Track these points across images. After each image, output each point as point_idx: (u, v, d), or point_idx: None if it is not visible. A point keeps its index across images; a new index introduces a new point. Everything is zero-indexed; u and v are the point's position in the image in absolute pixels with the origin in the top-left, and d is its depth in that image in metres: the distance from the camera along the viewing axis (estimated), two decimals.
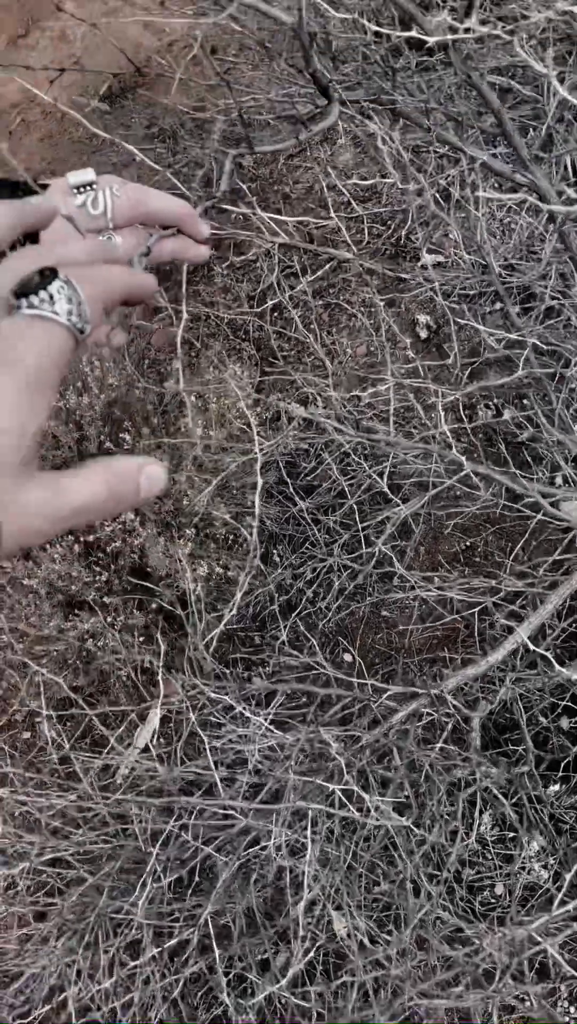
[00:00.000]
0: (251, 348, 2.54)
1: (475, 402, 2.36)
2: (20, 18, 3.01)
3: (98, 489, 0.39)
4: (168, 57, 2.88)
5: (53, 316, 0.37)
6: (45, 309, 0.37)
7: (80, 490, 0.38)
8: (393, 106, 1.20)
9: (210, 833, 1.23)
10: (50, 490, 0.37)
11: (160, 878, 1.14)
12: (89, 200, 0.54)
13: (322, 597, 1.98)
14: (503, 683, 1.66)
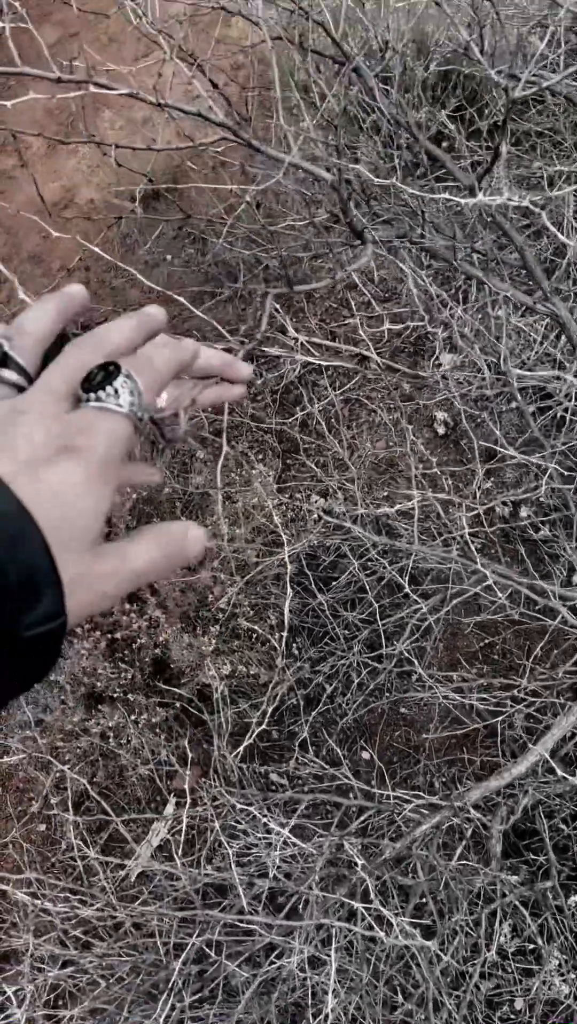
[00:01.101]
0: (273, 440, 2.61)
1: (492, 498, 2.40)
2: (61, 123, 3.19)
3: (154, 553, 0.42)
4: (198, 163, 3.03)
5: (117, 409, 0.41)
6: (111, 403, 0.41)
7: (139, 556, 0.41)
8: (422, 242, 1.27)
9: (232, 948, 1.23)
10: (115, 558, 0.40)
11: (182, 996, 1.13)
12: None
13: (341, 692, 1.99)
14: (524, 790, 1.66)
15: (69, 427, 0.40)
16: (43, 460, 0.38)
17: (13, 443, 0.38)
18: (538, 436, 1.69)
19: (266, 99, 2.46)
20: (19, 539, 0.36)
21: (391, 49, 1.25)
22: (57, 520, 0.37)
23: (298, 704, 1.92)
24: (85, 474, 0.39)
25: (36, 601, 0.36)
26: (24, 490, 0.37)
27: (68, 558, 0.37)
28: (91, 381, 0.41)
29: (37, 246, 3.04)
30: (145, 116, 3.12)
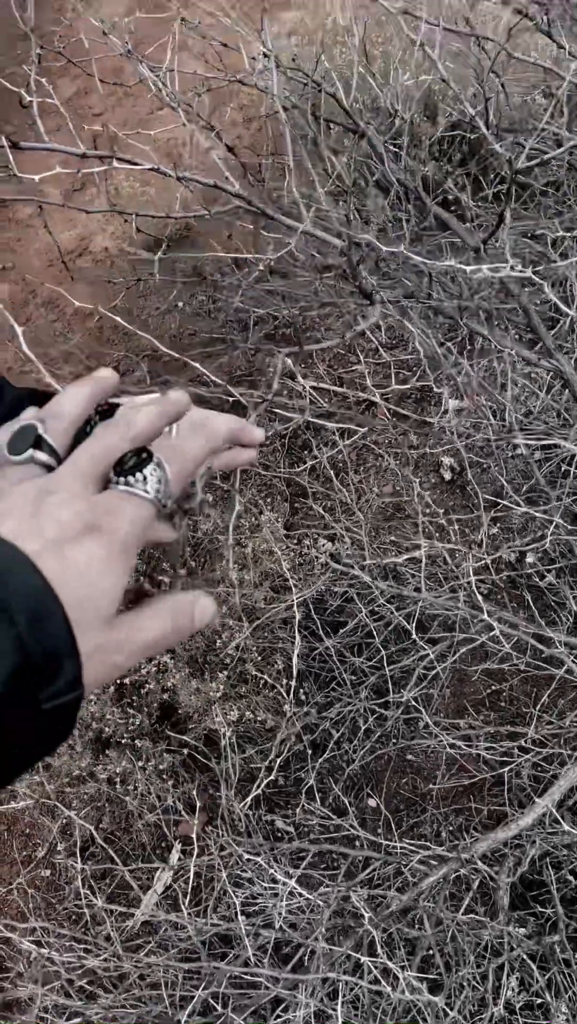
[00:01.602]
0: (281, 484, 2.64)
1: (499, 544, 2.42)
2: (78, 176, 3.28)
3: (165, 625, 0.44)
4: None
5: (144, 495, 0.44)
6: (138, 488, 0.44)
7: (151, 628, 0.43)
8: (429, 302, 1.31)
9: (238, 1000, 1.22)
10: (129, 630, 0.42)
11: None
12: None
13: (348, 739, 1.99)
14: (531, 841, 1.65)
15: (96, 508, 0.42)
16: (69, 539, 0.40)
17: (42, 522, 0.41)
18: (543, 487, 1.72)
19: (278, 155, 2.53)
20: (44, 616, 0.38)
21: (399, 117, 1.30)
22: (79, 597, 0.39)
23: (304, 750, 1.92)
24: (107, 554, 0.41)
25: (56, 674, 0.38)
26: (50, 567, 0.39)
27: (87, 632, 0.40)
28: (123, 465, 0.44)
29: (51, 292, 3.11)
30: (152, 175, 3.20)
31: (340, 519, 2.34)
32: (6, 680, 0.36)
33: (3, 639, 0.36)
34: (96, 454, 0.44)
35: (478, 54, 1.25)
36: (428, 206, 1.36)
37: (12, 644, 0.36)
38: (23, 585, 0.38)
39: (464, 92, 1.25)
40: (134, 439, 0.46)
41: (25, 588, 0.38)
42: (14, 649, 0.36)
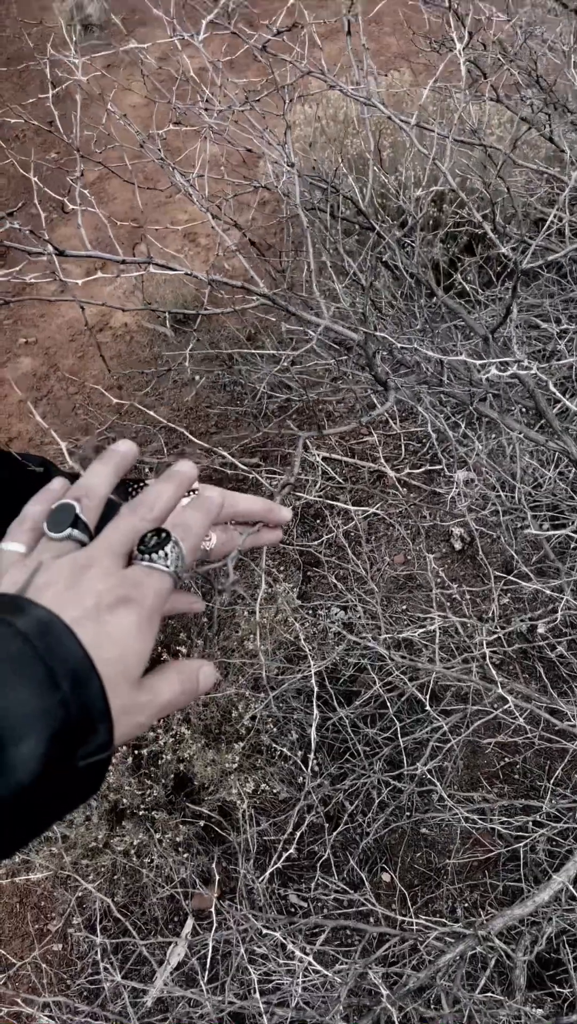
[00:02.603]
0: (295, 553, 2.68)
1: (510, 614, 2.45)
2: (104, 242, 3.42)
3: (176, 688, 0.50)
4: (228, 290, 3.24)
5: (164, 569, 0.49)
6: (159, 564, 0.49)
7: (165, 690, 0.49)
8: (441, 388, 1.38)
9: None
10: (149, 693, 0.48)
11: None
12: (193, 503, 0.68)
13: (362, 811, 1.99)
14: (547, 918, 1.64)
15: (125, 581, 0.48)
16: (105, 608, 0.46)
17: (81, 593, 0.46)
18: (553, 561, 1.76)
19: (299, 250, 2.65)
20: (84, 681, 0.43)
21: (410, 216, 1.39)
22: (112, 662, 0.44)
23: (318, 822, 1.92)
24: (137, 623, 0.46)
25: (92, 734, 0.43)
26: (87, 633, 0.44)
27: (117, 694, 0.44)
28: (145, 544, 0.50)
29: (73, 365, 3.23)
30: (176, 249, 3.35)
31: (353, 588, 2.37)
32: (50, 739, 0.40)
33: (50, 702, 0.40)
34: (124, 533, 0.50)
35: (485, 160, 1.34)
36: (439, 296, 1.44)
37: (58, 706, 0.40)
38: (66, 652, 0.42)
39: (471, 197, 1.34)
40: (154, 520, 0.52)
41: (68, 655, 0.42)
42: (59, 711, 0.40)
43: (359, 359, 1.16)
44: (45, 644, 0.42)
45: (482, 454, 1.99)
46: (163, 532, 0.51)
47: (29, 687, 0.40)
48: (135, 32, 4.48)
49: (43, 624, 0.43)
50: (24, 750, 0.38)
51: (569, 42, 1.49)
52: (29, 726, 0.39)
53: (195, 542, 0.53)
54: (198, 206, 1.16)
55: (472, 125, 1.35)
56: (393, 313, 1.47)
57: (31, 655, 0.41)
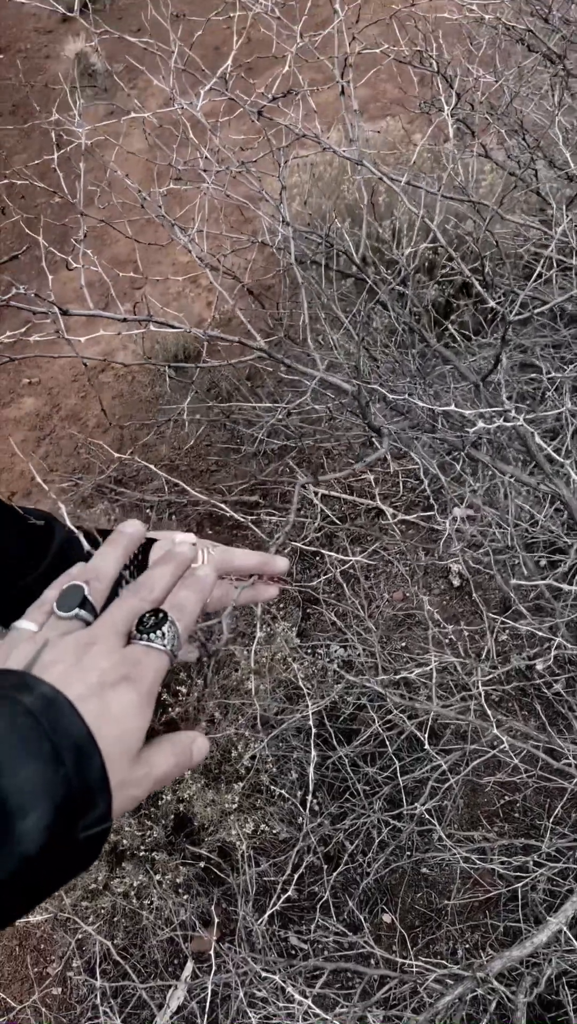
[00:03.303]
0: (294, 589, 2.71)
1: (508, 651, 2.46)
2: (101, 295, 3.50)
3: (170, 761, 0.52)
4: (227, 330, 3.30)
5: (161, 648, 0.52)
6: (157, 643, 0.52)
7: (160, 763, 0.51)
8: (434, 434, 1.41)
9: None
10: (145, 767, 0.49)
11: None
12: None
13: (362, 851, 1.99)
14: (548, 959, 1.64)
15: (126, 659, 0.51)
16: (108, 685, 0.48)
17: (85, 670, 0.49)
18: (548, 600, 1.78)
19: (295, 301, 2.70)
20: (85, 757, 0.45)
21: (403, 268, 1.43)
22: (113, 738, 0.47)
23: (318, 863, 1.92)
24: (137, 700, 0.49)
25: (92, 807, 0.45)
26: (90, 710, 0.46)
27: (116, 769, 0.46)
28: (144, 624, 0.53)
29: (76, 405, 3.28)
30: (177, 291, 3.42)
31: (352, 626, 2.39)
32: (54, 812, 0.42)
33: (54, 777, 0.42)
34: (126, 613, 0.54)
35: (476, 208, 1.39)
36: (432, 345, 1.48)
37: (62, 781, 0.43)
38: (70, 729, 0.45)
39: (462, 248, 1.39)
40: (153, 601, 0.56)
41: (72, 731, 0.45)
42: (63, 785, 0.43)
43: (353, 407, 1.20)
44: (50, 720, 0.44)
45: (479, 492, 2.02)
46: (160, 612, 0.54)
47: (35, 763, 0.42)
48: (139, 79, 4.61)
49: (48, 701, 0.45)
50: (30, 823, 0.41)
51: (553, 101, 1.55)
52: (35, 800, 0.41)
53: (190, 621, 0.57)
54: (197, 262, 1.20)
55: (461, 183, 1.40)
56: (387, 359, 1.51)
57: (37, 731, 0.43)
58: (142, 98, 3.85)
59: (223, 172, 1.29)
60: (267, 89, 1.25)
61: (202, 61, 1.52)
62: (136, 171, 3.49)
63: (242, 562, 0.72)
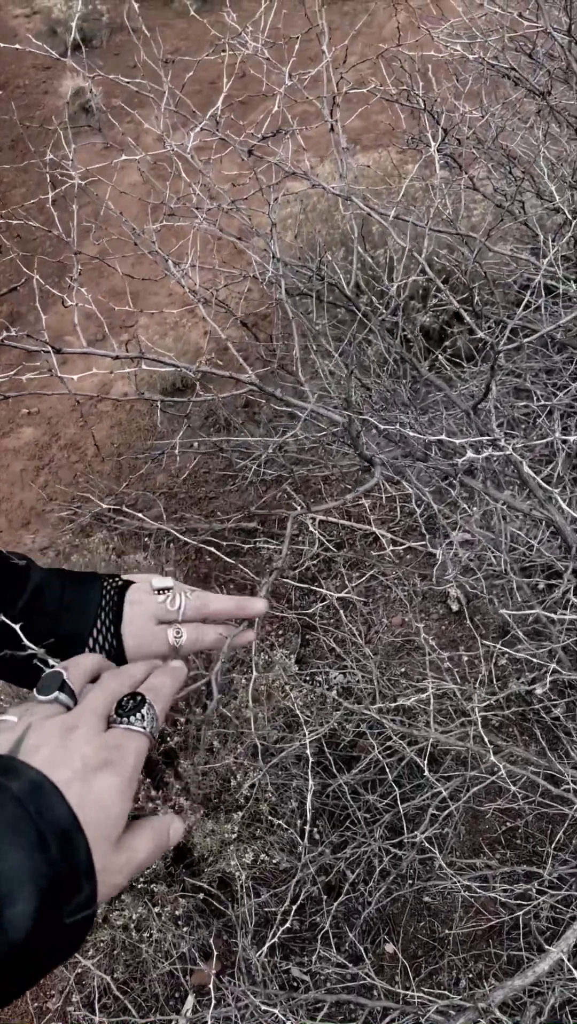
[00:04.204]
0: (293, 615, 2.71)
1: (507, 675, 2.46)
2: (99, 326, 3.54)
3: (150, 846, 0.53)
4: (224, 358, 3.33)
5: (141, 731, 0.53)
6: (136, 726, 0.53)
7: (141, 849, 0.52)
8: (425, 462, 1.43)
9: None
10: (126, 852, 0.50)
11: None
12: (168, 600, 0.71)
13: (364, 880, 1.98)
14: (551, 988, 1.62)
15: (108, 743, 0.52)
16: (91, 769, 0.49)
17: (69, 754, 0.50)
18: (545, 625, 1.78)
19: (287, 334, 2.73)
20: (70, 841, 0.46)
21: (393, 299, 1.46)
22: (97, 822, 0.48)
23: (319, 894, 1.91)
24: (119, 784, 0.50)
25: (78, 892, 0.45)
26: (75, 794, 0.47)
27: (99, 854, 0.47)
28: (123, 708, 0.55)
29: (75, 434, 3.30)
30: (175, 320, 3.46)
31: (351, 652, 2.39)
32: (40, 897, 0.42)
33: (39, 862, 0.43)
34: (106, 697, 0.55)
35: (463, 247, 1.41)
36: (422, 374, 1.50)
37: (48, 867, 0.43)
38: (56, 814, 0.46)
39: (452, 279, 1.41)
40: (132, 685, 0.57)
41: (57, 817, 0.46)
42: (49, 871, 0.43)
43: (345, 438, 1.21)
44: (36, 806, 0.45)
45: (474, 518, 2.03)
46: (138, 695, 0.56)
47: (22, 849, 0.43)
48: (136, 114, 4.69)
49: (35, 786, 0.46)
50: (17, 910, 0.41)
51: (538, 135, 1.58)
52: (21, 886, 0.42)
53: (166, 704, 0.59)
54: (190, 296, 1.22)
55: (448, 216, 1.43)
56: (380, 387, 1.53)
57: (24, 818, 0.44)
58: (138, 132, 3.91)
59: (214, 209, 1.31)
60: (257, 127, 1.28)
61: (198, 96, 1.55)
62: (133, 206, 3.55)
63: (218, 607, 0.73)
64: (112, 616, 0.68)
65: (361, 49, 1.65)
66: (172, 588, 0.72)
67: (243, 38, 1.26)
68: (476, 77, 1.87)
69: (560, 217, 1.52)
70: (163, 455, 2.57)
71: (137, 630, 0.69)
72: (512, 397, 1.97)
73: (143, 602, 0.70)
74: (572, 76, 1.60)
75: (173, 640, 0.69)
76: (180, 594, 0.72)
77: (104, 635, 0.67)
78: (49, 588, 0.68)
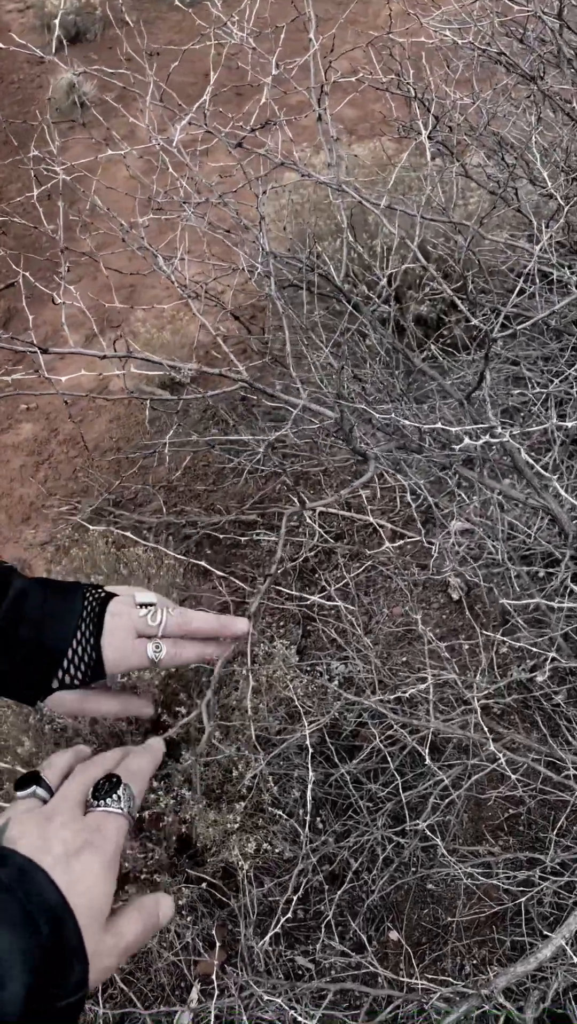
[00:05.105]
0: (294, 607, 2.71)
1: (508, 663, 2.47)
2: (97, 321, 3.53)
3: (138, 927, 0.53)
4: (221, 352, 3.33)
5: (118, 812, 0.55)
6: (113, 808, 0.55)
7: (129, 930, 0.52)
8: (420, 454, 1.43)
9: None
10: (114, 936, 0.51)
11: None
12: (149, 615, 0.72)
13: (367, 868, 1.99)
14: (554, 973, 1.63)
15: (87, 826, 0.53)
16: (72, 853, 0.50)
17: (50, 842, 0.51)
18: (544, 613, 1.79)
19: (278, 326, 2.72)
20: (60, 923, 0.46)
21: (384, 289, 1.45)
22: (83, 907, 0.48)
23: (322, 883, 1.92)
24: (101, 863, 0.51)
25: (70, 973, 0.46)
26: (59, 879, 0.48)
27: (88, 937, 0.48)
28: (99, 791, 0.56)
29: (73, 430, 3.30)
30: (171, 314, 3.46)
31: (351, 642, 2.40)
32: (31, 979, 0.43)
33: (31, 945, 0.44)
34: (80, 784, 0.57)
35: (456, 235, 1.41)
36: (415, 364, 1.50)
37: (40, 950, 0.44)
38: (45, 897, 0.47)
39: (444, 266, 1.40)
40: (105, 769, 0.59)
41: (46, 899, 0.47)
42: (40, 953, 0.44)
43: (338, 433, 1.21)
44: (24, 891, 0.46)
45: (472, 507, 2.03)
46: (114, 777, 0.57)
47: (12, 932, 0.43)
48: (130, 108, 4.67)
49: (22, 871, 0.47)
50: (10, 992, 0.42)
51: (531, 121, 1.57)
52: (12, 968, 0.42)
53: (143, 784, 0.60)
54: (180, 291, 1.22)
55: (440, 203, 1.42)
56: (372, 378, 1.53)
57: (13, 902, 0.45)
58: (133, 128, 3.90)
59: (203, 203, 1.31)
60: (245, 118, 1.27)
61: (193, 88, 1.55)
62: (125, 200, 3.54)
63: (200, 625, 0.74)
64: (93, 627, 0.68)
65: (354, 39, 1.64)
66: (155, 604, 0.73)
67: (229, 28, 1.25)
68: (467, 64, 1.86)
69: (553, 203, 1.51)
70: (154, 454, 2.57)
71: (117, 642, 0.69)
72: (509, 386, 1.96)
73: (124, 614, 0.70)
74: (563, 60, 1.59)
75: (152, 654, 0.70)
76: (162, 609, 0.73)
77: (84, 646, 0.68)
78: (31, 596, 0.68)
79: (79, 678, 0.68)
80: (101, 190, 1.49)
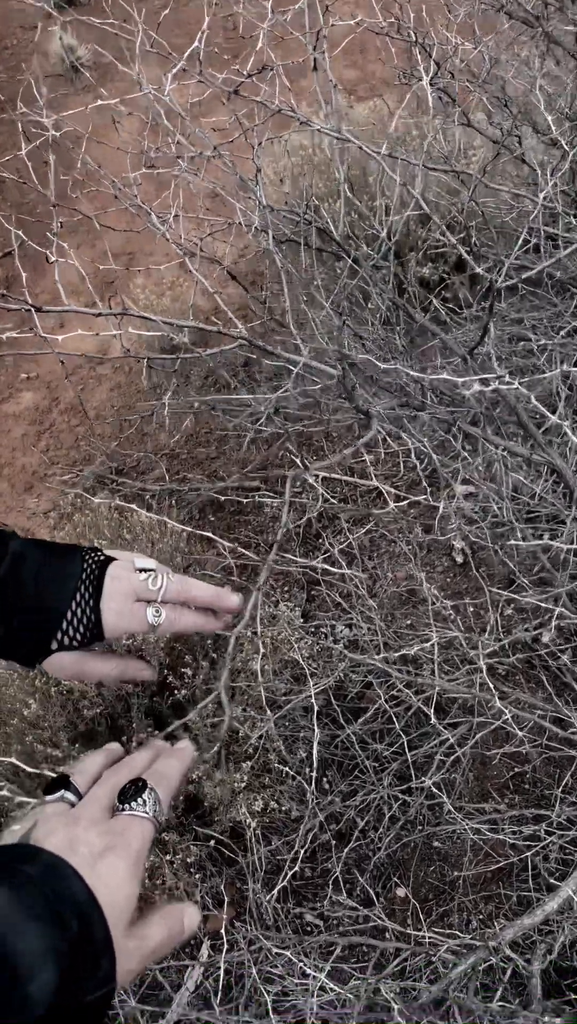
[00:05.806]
0: (298, 571, 2.71)
1: (513, 624, 2.46)
2: (96, 287, 3.49)
3: (163, 933, 0.53)
4: (222, 318, 3.29)
5: (144, 815, 0.55)
6: (139, 811, 0.55)
7: (153, 936, 0.52)
8: (423, 411, 1.41)
9: None
10: (138, 939, 0.51)
11: None
12: (150, 580, 0.72)
13: (373, 827, 2.01)
14: (560, 927, 1.65)
15: (112, 830, 0.53)
16: (97, 855, 0.51)
17: (75, 843, 0.51)
18: (549, 571, 1.78)
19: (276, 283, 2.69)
20: (88, 919, 0.47)
21: (385, 242, 1.43)
22: (108, 906, 0.48)
23: (330, 841, 1.94)
24: (126, 868, 0.51)
25: (97, 968, 0.46)
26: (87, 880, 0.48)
27: (114, 936, 0.48)
28: (125, 794, 0.56)
29: (74, 398, 3.28)
30: (171, 280, 3.41)
31: (356, 605, 2.40)
32: (60, 973, 0.43)
33: (59, 939, 0.44)
34: (107, 788, 0.57)
35: (458, 185, 1.38)
36: (416, 319, 1.47)
37: (68, 945, 0.44)
38: (73, 893, 0.47)
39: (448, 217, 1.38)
40: (132, 774, 0.59)
41: (75, 895, 0.47)
42: (67, 947, 0.44)
43: (340, 391, 1.20)
44: (53, 887, 0.46)
45: (476, 468, 2.02)
46: (140, 781, 0.57)
47: (41, 927, 0.43)
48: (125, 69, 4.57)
49: (49, 867, 0.48)
50: (38, 984, 0.42)
51: (534, 65, 1.53)
52: (42, 963, 0.42)
53: (171, 787, 0.60)
54: (175, 248, 1.20)
55: (443, 152, 1.39)
56: (373, 335, 1.51)
57: (42, 898, 0.45)
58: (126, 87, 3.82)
59: (197, 155, 1.28)
60: (242, 67, 1.24)
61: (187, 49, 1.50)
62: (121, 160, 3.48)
63: (198, 593, 0.75)
64: (92, 590, 0.68)
65: None
66: (154, 570, 0.73)
67: None
68: (469, 11, 1.81)
69: (558, 151, 1.48)
70: (152, 415, 2.55)
71: (117, 606, 0.69)
72: (513, 345, 1.94)
73: (124, 578, 0.70)
74: (566, 3, 1.55)
75: (152, 619, 0.70)
76: (162, 575, 0.73)
77: (83, 608, 0.67)
78: (29, 558, 0.67)
79: (78, 640, 0.67)
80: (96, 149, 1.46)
